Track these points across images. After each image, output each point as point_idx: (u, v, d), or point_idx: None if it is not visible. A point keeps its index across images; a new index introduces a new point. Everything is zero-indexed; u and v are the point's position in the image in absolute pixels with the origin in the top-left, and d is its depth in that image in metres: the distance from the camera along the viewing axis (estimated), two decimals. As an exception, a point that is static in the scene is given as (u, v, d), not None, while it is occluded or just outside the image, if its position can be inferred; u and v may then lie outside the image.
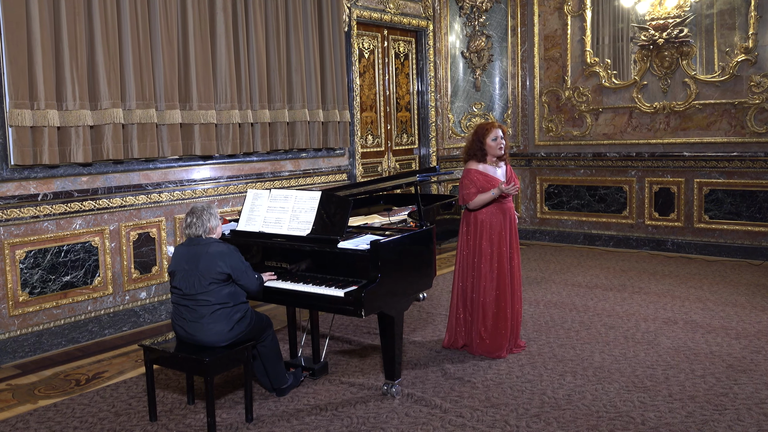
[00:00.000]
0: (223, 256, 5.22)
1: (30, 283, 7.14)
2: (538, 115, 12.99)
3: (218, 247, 5.27)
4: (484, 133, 6.69)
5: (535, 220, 13.15)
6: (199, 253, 5.23)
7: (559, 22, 12.53)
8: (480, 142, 6.69)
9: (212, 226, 5.38)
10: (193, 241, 5.34)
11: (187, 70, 8.22)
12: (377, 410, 5.55)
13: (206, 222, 5.34)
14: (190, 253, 5.28)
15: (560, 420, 5.28)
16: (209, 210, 5.40)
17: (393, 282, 5.57)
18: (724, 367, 6.31)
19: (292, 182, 9.76)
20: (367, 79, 11.36)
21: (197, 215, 5.35)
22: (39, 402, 5.96)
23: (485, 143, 6.66)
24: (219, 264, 5.18)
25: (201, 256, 5.21)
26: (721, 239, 11.09)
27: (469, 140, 6.84)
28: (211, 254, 5.21)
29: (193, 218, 5.36)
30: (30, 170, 7.04)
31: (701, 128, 11.16)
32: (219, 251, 5.23)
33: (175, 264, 5.37)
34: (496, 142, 6.63)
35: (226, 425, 5.34)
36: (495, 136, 6.64)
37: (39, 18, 6.83)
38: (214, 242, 5.33)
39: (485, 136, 6.67)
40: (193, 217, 5.36)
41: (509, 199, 6.75)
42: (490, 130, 6.69)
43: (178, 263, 5.33)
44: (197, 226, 5.33)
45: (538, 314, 8.13)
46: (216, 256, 5.20)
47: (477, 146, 6.71)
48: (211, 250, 5.23)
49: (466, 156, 6.86)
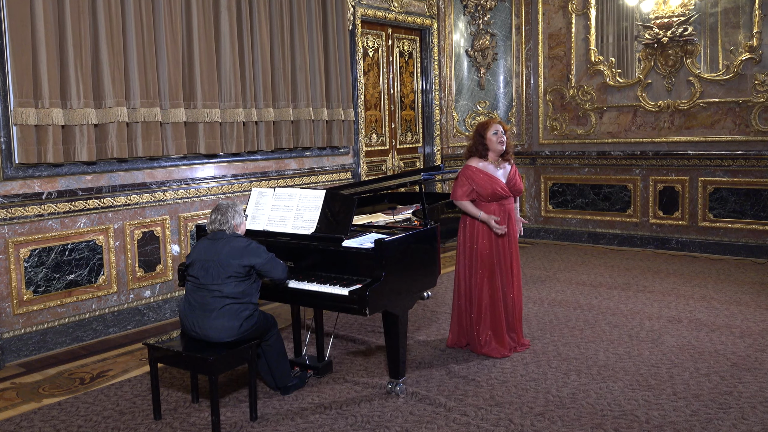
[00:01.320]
0: (251, 250, 5.27)
1: (34, 282, 7.14)
2: (543, 114, 12.98)
3: (243, 242, 5.32)
4: (485, 128, 6.72)
5: (539, 219, 13.15)
6: (222, 245, 5.28)
7: (564, 20, 12.52)
8: (481, 136, 6.70)
9: (237, 224, 5.42)
10: (217, 235, 5.37)
11: (192, 68, 8.23)
12: (381, 409, 5.55)
13: (231, 219, 5.39)
14: (214, 245, 5.32)
15: (564, 419, 5.28)
16: (234, 207, 5.44)
17: (397, 280, 5.56)
18: (728, 366, 6.30)
19: (297, 181, 9.76)
20: (371, 78, 11.36)
21: (222, 212, 5.40)
22: (43, 401, 5.96)
23: (486, 137, 6.66)
24: (244, 258, 5.22)
25: (224, 248, 5.26)
26: (726, 238, 11.08)
27: (472, 137, 6.87)
28: (235, 247, 5.25)
29: (218, 215, 5.40)
30: (34, 169, 7.04)
31: (705, 127, 11.14)
32: (245, 246, 5.28)
33: (195, 254, 5.40)
34: (497, 135, 6.63)
35: (231, 424, 5.35)
36: (495, 130, 6.65)
37: (43, 17, 6.83)
38: (240, 237, 5.39)
39: (486, 131, 6.68)
40: (218, 214, 5.40)
41: (510, 199, 6.75)
42: (490, 124, 6.72)
43: (199, 253, 5.36)
44: (222, 223, 5.37)
45: (543, 313, 8.12)
46: (241, 250, 5.24)
47: (478, 141, 6.72)
48: (235, 244, 5.28)
49: (468, 153, 6.87)
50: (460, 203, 6.69)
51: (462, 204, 6.69)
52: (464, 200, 6.66)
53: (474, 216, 6.66)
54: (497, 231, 6.59)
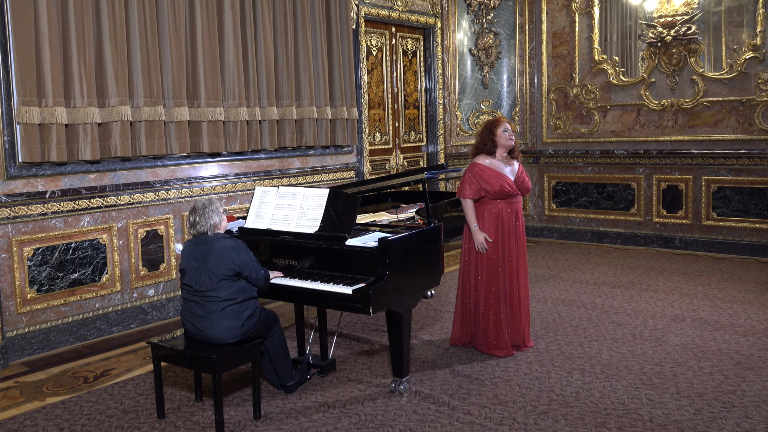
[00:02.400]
0: (232, 250, 5.23)
1: (38, 281, 7.15)
2: (546, 113, 12.97)
3: (226, 242, 5.29)
4: (495, 125, 6.71)
5: (542, 218, 13.14)
6: (207, 250, 5.25)
7: (567, 19, 12.51)
8: (491, 133, 6.69)
9: (216, 222, 5.37)
10: (201, 239, 5.34)
11: (195, 67, 8.23)
12: (385, 407, 5.55)
13: (209, 219, 5.34)
14: (199, 251, 5.29)
15: (568, 417, 5.28)
16: (210, 207, 5.38)
17: (401, 279, 5.56)
18: (732, 365, 6.29)
19: (300, 179, 9.76)
20: (375, 77, 11.36)
21: (200, 213, 5.35)
22: (47, 399, 5.97)
23: (496, 134, 6.66)
24: (229, 260, 5.19)
25: (210, 252, 5.22)
26: (729, 236, 11.07)
27: (479, 134, 6.84)
28: (219, 250, 5.22)
29: (196, 217, 5.35)
30: (38, 168, 7.05)
31: (709, 125, 11.13)
32: (228, 246, 5.25)
33: (185, 261, 5.38)
34: (507, 133, 6.65)
35: (234, 422, 5.35)
36: (505, 128, 6.67)
37: (47, 15, 6.83)
38: (222, 237, 5.35)
39: (496, 128, 6.68)
40: (195, 215, 5.36)
41: (517, 198, 6.74)
42: (500, 122, 6.73)
43: (188, 261, 5.34)
44: (202, 225, 5.33)
45: (546, 311, 8.12)
46: (225, 251, 5.21)
47: (488, 137, 6.70)
48: (219, 246, 5.24)
49: (475, 151, 6.84)
50: (465, 202, 6.67)
51: (465, 203, 6.66)
52: (470, 199, 6.65)
53: (468, 221, 6.67)
54: (479, 247, 6.62)
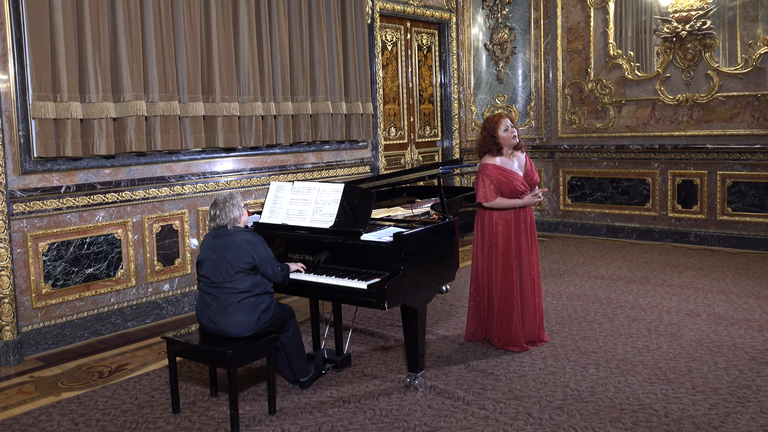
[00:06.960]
0: (249, 244, 5.25)
1: (53, 276, 7.17)
2: (561, 108, 12.94)
3: (245, 236, 5.30)
4: (494, 126, 6.60)
5: (557, 213, 13.11)
6: (226, 242, 5.26)
7: (582, 14, 12.47)
8: (492, 136, 6.59)
9: (236, 216, 5.38)
10: (220, 231, 5.36)
11: (210, 62, 8.23)
12: (400, 402, 5.55)
13: (229, 213, 5.35)
14: (217, 243, 5.31)
15: (583, 412, 5.27)
16: (231, 201, 5.40)
17: (416, 274, 5.56)
18: (747, 360, 6.27)
19: (315, 174, 9.76)
20: (390, 72, 11.35)
21: (220, 207, 5.36)
22: (62, 394, 5.99)
23: (498, 136, 6.57)
24: (246, 253, 5.20)
25: (228, 245, 5.24)
26: (744, 231, 11.01)
27: (480, 137, 6.75)
28: (238, 243, 5.23)
29: (216, 210, 5.37)
30: (53, 162, 7.07)
31: (724, 120, 11.08)
32: (246, 240, 5.26)
33: (203, 253, 5.39)
34: (509, 132, 6.56)
35: (249, 417, 5.36)
36: (506, 127, 6.56)
37: (62, 10, 6.85)
38: (241, 231, 5.36)
39: (496, 129, 6.58)
40: (216, 209, 5.37)
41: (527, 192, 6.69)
42: (499, 122, 6.59)
43: (206, 252, 5.36)
44: (221, 218, 5.34)
45: (561, 306, 8.10)
46: (243, 244, 5.22)
47: (490, 141, 6.61)
48: (238, 239, 5.26)
49: (480, 151, 6.78)
50: (492, 204, 6.59)
51: (495, 203, 6.58)
52: (495, 199, 6.61)
53: (512, 207, 6.59)
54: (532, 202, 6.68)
